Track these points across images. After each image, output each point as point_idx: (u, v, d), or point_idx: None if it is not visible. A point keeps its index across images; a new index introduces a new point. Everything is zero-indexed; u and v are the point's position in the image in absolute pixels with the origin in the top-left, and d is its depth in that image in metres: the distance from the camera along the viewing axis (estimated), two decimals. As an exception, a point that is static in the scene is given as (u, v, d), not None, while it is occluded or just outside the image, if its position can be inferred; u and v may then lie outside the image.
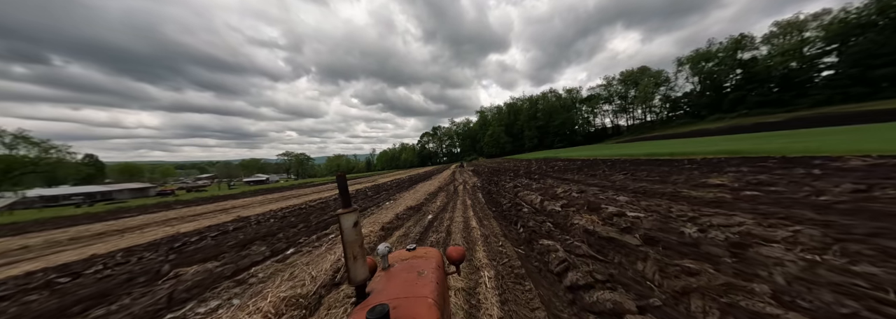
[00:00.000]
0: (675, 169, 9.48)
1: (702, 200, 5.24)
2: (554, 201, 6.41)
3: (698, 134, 44.38)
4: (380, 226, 5.86)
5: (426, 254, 1.29)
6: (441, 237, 5.08)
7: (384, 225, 5.99)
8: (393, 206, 8.98)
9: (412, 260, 1.22)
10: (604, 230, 4.04)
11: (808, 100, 43.34)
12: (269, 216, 9.58)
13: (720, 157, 11.85)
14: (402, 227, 6.02)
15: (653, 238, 3.39)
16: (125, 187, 52.62)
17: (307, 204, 11.81)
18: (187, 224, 9.62)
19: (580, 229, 4.37)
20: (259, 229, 7.09)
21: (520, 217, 5.63)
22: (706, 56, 60.32)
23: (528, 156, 51.52)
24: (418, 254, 1.29)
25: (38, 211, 34.22)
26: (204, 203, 20.07)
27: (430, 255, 1.28)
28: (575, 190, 7.43)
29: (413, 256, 1.28)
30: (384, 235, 5.45)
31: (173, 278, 3.83)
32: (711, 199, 5.24)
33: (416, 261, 1.21)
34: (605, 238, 3.76)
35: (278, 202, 15.12)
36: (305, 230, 6.50)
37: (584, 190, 7.52)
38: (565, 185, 9.01)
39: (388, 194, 13.75)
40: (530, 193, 7.93)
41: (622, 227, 3.98)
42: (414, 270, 1.11)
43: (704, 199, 5.27)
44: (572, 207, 5.60)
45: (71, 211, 25.29)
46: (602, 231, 4.01)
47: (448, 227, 5.66)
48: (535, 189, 8.88)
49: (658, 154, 16.59)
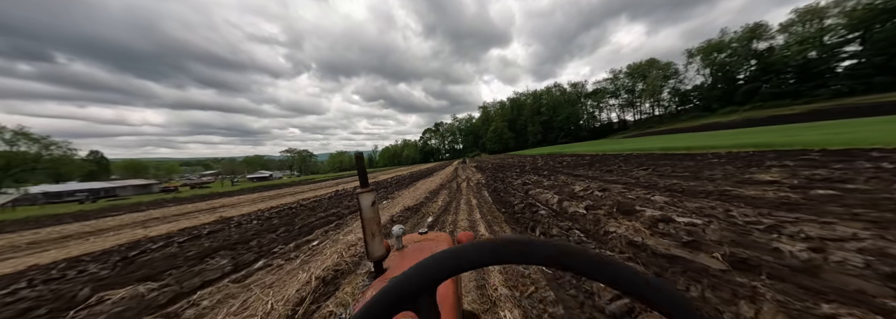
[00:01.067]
0: (704, 164, 8.44)
1: (764, 201, 4.22)
2: (575, 201, 5.40)
3: (710, 127, 42.76)
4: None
5: (437, 238, 1.32)
6: (441, 247, 4.10)
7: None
8: (389, 206, 8.03)
9: (424, 242, 1.26)
10: (657, 243, 3.03)
11: (828, 92, 41.33)
12: (254, 217, 8.73)
13: (748, 151, 10.80)
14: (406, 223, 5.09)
15: (743, 259, 2.38)
16: (129, 183, 52.57)
17: (299, 203, 10.93)
18: (165, 225, 8.81)
19: (621, 240, 3.36)
20: (234, 233, 6.25)
21: (537, 221, 4.63)
22: (718, 46, 57.80)
23: (531, 151, 50.36)
24: (429, 237, 1.33)
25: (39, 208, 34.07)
26: (197, 201, 19.37)
27: (440, 239, 1.31)
28: (596, 189, 6.41)
29: (425, 239, 1.31)
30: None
31: (85, 307, 2.91)
32: (776, 200, 4.21)
33: (427, 244, 1.24)
34: (665, 255, 2.76)
35: (271, 200, 14.30)
36: (285, 235, 5.60)
37: (606, 187, 6.49)
38: (582, 182, 7.99)
39: (386, 192, 12.83)
40: (544, 192, 6.92)
41: (684, 241, 2.97)
42: (426, 251, 1.15)
43: (767, 200, 4.24)
44: (599, 209, 4.59)
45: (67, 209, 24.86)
46: (655, 244, 3.01)
47: (451, 234, 4.69)
48: (548, 186, 7.86)
49: (675, 148, 15.49)
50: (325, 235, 5.25)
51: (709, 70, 61.99)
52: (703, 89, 64.13)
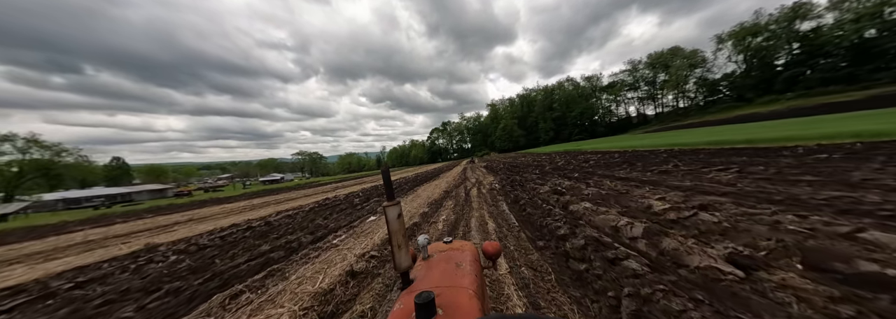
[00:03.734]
0: (814, 161, 5.88)
1: None
2: (669, 229, 3.01)
3: (748, 119, 38.44)
4: (312, 297, 2.77)
5: (462, 247, 1.29)
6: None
7: (320, 293, 2.88)
8: (369, 231, 5.83)
9: (450, 252, 1.23)
10: None
11: (889, 75, 36.03)
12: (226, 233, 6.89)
13: (849, 142, 8.03)
14: (355, 300, 2.89)
15: None
16: (144, 188, 53.22)
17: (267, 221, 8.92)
18: (113, 248, 7.06)
19: None
20: (180, 263, 4.34)
21: (620, 283, 2.28)
22: (754, 30, 52.12)
23: (545, 149, 47.28)
24: (455, 247, 1.30)
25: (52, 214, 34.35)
26: (186, 209, 17.98)
27: (466, 248, 1.28)
28: (681, 203, 3.98)
29: (450, 248, 1.29)
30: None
31: None
32: None
33: (453, 253, 1.22)
34: None
35: (248, 212, 12.50)
36: (235, 271, 3.55)
37: (691, 200, 4.06)
38: (641, 189, 5.55)
39: (378, 203, 10.68)
40: (595, 207, 4.51)
41: None
42: (452, 261, 1.12)
43: None
44: (760, 259, 2.20)
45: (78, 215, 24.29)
46: None
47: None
48: (596, 197, 5.44)
49: (731, 141, 12.61)
50: (232, 300, 3.09)
51: (742, 56, 56.35)
52: (734, 78, 58.54)
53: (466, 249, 1.26)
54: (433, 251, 1.25)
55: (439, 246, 1.31)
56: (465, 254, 1.19)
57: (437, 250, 1.26)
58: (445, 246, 1.30)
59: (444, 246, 1.32)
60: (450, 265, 1.08)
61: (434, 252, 1.24)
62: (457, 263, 1.10)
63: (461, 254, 1.18)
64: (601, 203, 4.98)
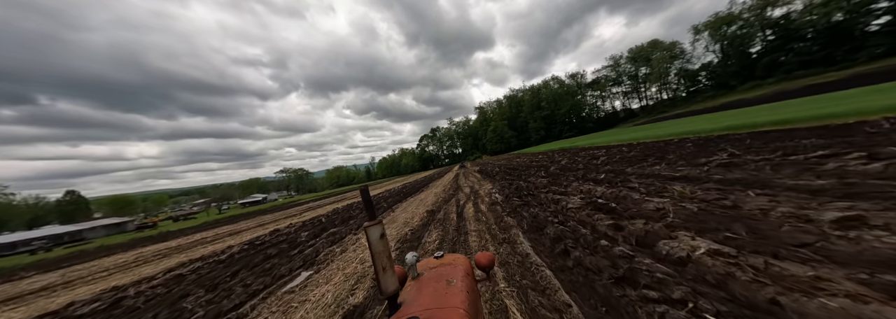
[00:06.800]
0: None
1: None
2: None
3: (735, 105, 37.94)
4: None
5: (454, 261, 1.25)
6: None
7: None
8: (317, 282, 3.15)
9: (441, 268, 1.19)
10: None
11: (867, 53, 36.43)
12: (137, 291, 4.04)
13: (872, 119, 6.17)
14: None
15: None
16: (99, 223, 47.45)
17: (193, 265, 6.01)
18: None
19: None
20: None
21: None
22: (728, 19, 53.03)
23: (538, 148, 45.52)
24: (446, 262, 1.25)
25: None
26: (128, 249, 14.52)
27: (458, 262, 1.23)
28: None
29: (441, 264, 1.24)
30: None
31: None
32: None
33: (444, 269, 1.17)
34: None
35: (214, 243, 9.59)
36: None
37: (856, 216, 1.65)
38: (752, 198, 3.14)
39: (345, 229, 7.94)
40: (725, 249, 2.05)
41: None
42: (443, 279, 1.09)
43: None
44: None
45: (10, 262, 19.99)
46: None
47: None
48: (687, 219, 2.98)
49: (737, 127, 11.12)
50: None
51: (719, 46, 57.10)
52: (714, 67, 59.17)
53: (459, 263, 1.22)
54: (423, 268, 1.20)
55: (430, 263, 1.27)
56: (458, 269, 1.14)
57: (427, 267, 1.21)
58: (436, 262, 1.26)
59: (436, 261, 1.27)
60: (440, 283, 1.04)
61: (424, 269, 1.19)
62: (448, 280, 1.05)
63: (453, 270, 1.14)
64: (733, 239, 2.50)
